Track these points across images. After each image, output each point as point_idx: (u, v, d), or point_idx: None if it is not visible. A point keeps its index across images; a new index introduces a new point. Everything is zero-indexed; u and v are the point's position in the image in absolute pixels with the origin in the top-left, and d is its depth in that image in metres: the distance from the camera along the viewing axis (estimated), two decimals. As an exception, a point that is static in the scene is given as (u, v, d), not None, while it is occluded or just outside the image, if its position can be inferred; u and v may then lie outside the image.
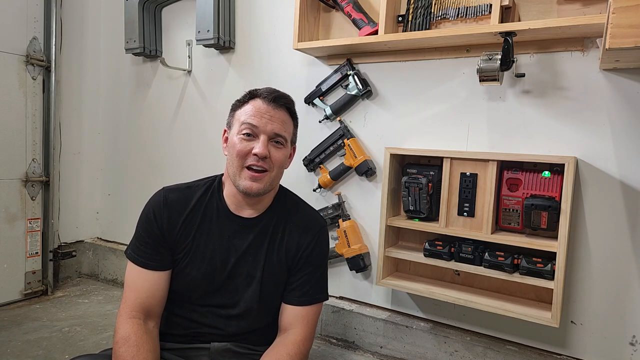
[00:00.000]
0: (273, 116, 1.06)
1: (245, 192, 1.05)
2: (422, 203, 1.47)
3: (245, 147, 1.04)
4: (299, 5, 1.65)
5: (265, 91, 1.08)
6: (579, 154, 1.34)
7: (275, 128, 1.06)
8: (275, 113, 1.06)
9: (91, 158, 2.53)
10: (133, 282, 1.07)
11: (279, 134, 1.06)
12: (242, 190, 1.05)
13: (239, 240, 1.11)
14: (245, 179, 1.04)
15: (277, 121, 1.06)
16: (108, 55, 2.48)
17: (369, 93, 1.67)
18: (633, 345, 1.31)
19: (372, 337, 1.69)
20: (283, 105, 1.09)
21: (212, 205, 1.12)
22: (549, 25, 1.23)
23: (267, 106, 1.06)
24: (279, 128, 1.06)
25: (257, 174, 1.04)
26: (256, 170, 1.04)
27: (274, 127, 1.05)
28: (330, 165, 1.79)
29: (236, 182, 1.06)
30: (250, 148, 1.03)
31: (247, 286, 1.10)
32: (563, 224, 1.25)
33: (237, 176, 1.05)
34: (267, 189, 1.07)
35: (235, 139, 1.05)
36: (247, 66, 1.99)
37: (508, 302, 1.40)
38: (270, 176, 1.06)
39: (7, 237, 2.11)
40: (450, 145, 1.54)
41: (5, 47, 2.07)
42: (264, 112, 1.05)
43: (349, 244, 1.69)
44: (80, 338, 1.77)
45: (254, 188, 1.04)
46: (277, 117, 1.07)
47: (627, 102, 1.28)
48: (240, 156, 1.04)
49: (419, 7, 1.52)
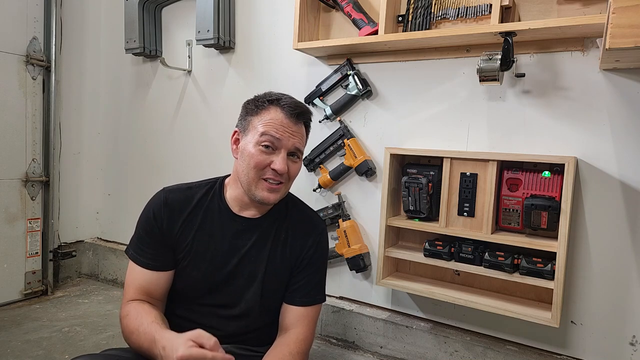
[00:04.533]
0: (295, 131, 1.05)
1: (261, 202, 1.06)
2: (422, 203, 1.47)
3: (265, 160, 1.03)
4: (299, 5, 1.65)
5: (287, 103, 1.06)
6: (579, 154, 1.34)
7: (296, 143, 1.06)
8: (297, 128, 1.06)
9: (91, 158, 2.53)
10: (134, 281, 1.08)
11: (299, 149, 1.07)
12: (258, 200, 1.05)
13: (242, 241, 1.11)
14: (262, 190, 1.04)
15: (297, 136, 1.06)
16: (108, 55, 2.48)
17: (369, 93, 1.67)
18: (633, 345, 1.31)
19: (372, 337, 1.69)
20: (304, 120, 1.10)
21: (213, 206, 1.12)
22: (549, 25, 1.23)
23: (289, 120, 1.05)
24: (299, 143, 1.07)
25: (275, 186, 1.05)
26: (273, 183, 1.05)
27: (295, 142, 1.05)
28: (330, 165, 1.79)
29: (251, 192, 1.05)
30: (269, 161, 1.03)
31: (248, 286, 1.10)
32: (563, 224, 1.25)
33: (252, 186, 1.05)
34: (281, 198, 1.09)
35: (253, 150, 1.03)
36: (247, 66, 1.99)
37: (508, 302, 1.40)
38: (286, 187, 1.09)
39: (7, 237, 2.11)
40: (450, 145, 1.54)
41: (5, 47, 2.07)
42: (287, 126, 1.04)
43: (349, 244, 1.69)
44: (80, 338, 1.78)
45: (271, 199, 1.06)
46: (298, 133, 1.07)
47: (627, 102, 1.28)
48: (259, 168, 1.03)
49: (419, 7, 1.52)
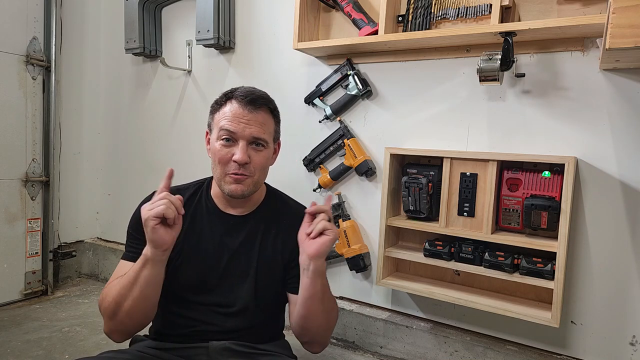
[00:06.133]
0: (250, 119, 1.04)
1: (230, 196, 1.07)
2: (422, 203, 1.47)
3: (226, 153, 1.04)
4: (299, 5, 1.65)
5: (241, 93, 1.06)
6: (579, 154, 1.34)
7: (254, 132, 1.05)
8: (252, 116, 1.05)
9: (91, 158, 2.52)
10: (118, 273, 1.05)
11: (258, 137, 1.06)
12: (227, 193, 1.07)
13: (231, 238, 1.11)
14: (228, 183, 1.06)
15: (254, 124, 1.05)
16: (108, 55, 2.48)
17: (369, 93, 1.67)
18: (633, 345, 1.31)
19: (372, 337, 1.69)
20: (262, 105, 1.07)
21: (201, 205, 1.13)
22: (549, 25, 1.23)
23: (243, 110, 1.04)
24: (257, 131, 1.05)
25: (239, 177, 1.05)
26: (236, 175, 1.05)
27: (252, 131, 1.04)
28: (330, 165, 1.79)
29: (221, 187, 1.08)
30: (230, 155, 1.04)
31: (241, 283, 1.10)
32: (563, 224, 1.25)
33: (221, 181, 1.07)
34: (251, 191, 1.09)
35: (216, 145, 1.06)
36: (247, 66, 1.99)
37: (508, 302, 1.40)
38: (252, 180, 1.07)
39: (7, 237, 2.11)
40: (450, 145, 1.54)
41: (5, 47, 2.07)
42: (240, 116, 1.04)
43: (349, 244, 1.69)
44: (80, 338, 1.77)
45: (238, 191, 1.06)
46: (254, 120, 1.05)
47: (627, 102, 1.28)
48: (222, 163, 1.05)
49: (419, 7, 1.52)
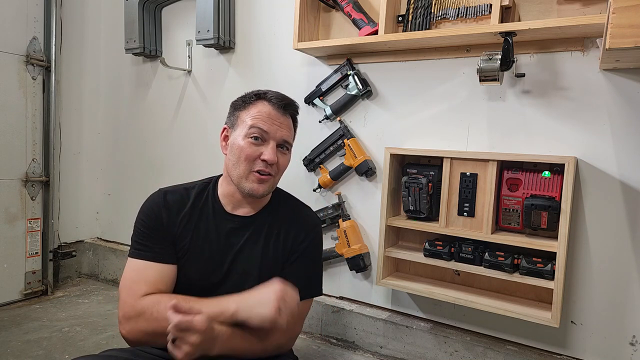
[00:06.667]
0: (282, 123, 1.09)
1: (250, 194, 1.08)
2: (422, 203, 1.47)
3: (255, 151, 1.05)
4: (299, 5, 1.65)
5: (274, 96, 1.10)
6: (579, 154, 1.34)
7: (284, 135, 1.09)
8: (284, 120, 1.09)
9: (91, 158, 2.52)
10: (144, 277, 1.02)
11: (287, 141, 1.10)
12: (247, 192, 1.07)
13: (235, 239, 1.12)
14: (252, 181, 1.06)
15: (285, 128, 1.10)
16: (108, 55, 2.48)
17: (369, 93, 1.67)
18: (633, 345, 1.31)
19: (372, 337, 1.69)
20: (292, 112, 1.13)
21: (207, 205, 1.13)
22: (549, 25, 1.23)
23: (277, 112, 1.08)
24: (287, 135, 1.10)
25: (264, 177, 1.07)
26: (262, 174, 1.06)
27: (283, 134, 1.08)
28: (330, 165, 1.79)
29: (241, 184, 1.07)
30: (259, 153, 1.05)
31: (244, 284, 1.10)
32: (563, 224, 1.25)
33: (242, 178, 1.07)
34: (269, 192, 1.12)
35: (242, 142, 1.06)
36: (247, 66, 1.99)
37: (508, 302, 1.40)
38: (274, 180, 1.11)
39: (7, 237, 2.11)
40: (450, 145, 1.54)
41: (5, 47, 2.07)
42: (275, 117, 1.07)
43: (349, 244, 1.69)
44: (80, 338, 1.77)
45: (260, 190, 1.07)
46: (286, 124, 1.10)
47: (627, 102, 1.28)
48: (249, 160, 1.06)
49: (419, 7, 1.52)
